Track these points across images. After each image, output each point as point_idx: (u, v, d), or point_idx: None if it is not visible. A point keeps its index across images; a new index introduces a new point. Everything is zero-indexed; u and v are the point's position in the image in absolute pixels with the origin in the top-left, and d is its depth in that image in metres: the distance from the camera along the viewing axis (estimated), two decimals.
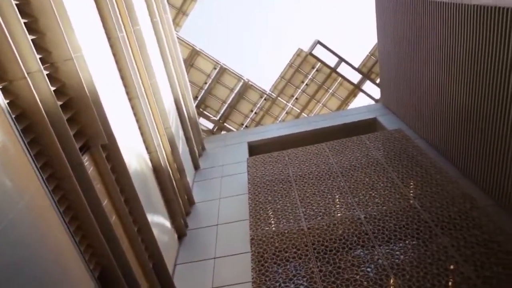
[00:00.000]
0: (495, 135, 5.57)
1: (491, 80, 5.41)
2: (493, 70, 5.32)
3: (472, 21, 5.60)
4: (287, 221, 6.01)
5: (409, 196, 6.01)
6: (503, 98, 5.20)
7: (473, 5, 5.52)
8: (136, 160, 5.07)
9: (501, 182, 5.64)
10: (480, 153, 6.06)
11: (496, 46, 5.14)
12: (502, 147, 5.44)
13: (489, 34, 5.26)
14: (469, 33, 5.75)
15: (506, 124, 5.23)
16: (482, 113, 5.80)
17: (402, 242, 5.18)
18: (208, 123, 13.34)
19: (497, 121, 5.43)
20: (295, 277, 4.92)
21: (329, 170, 7.25)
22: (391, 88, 10.03)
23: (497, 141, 5.55)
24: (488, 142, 5.80)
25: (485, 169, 6.00)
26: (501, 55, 5.07)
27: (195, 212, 7.14)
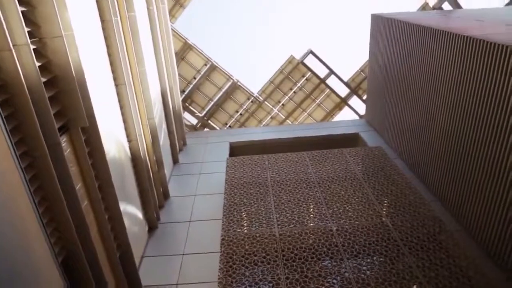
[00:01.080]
0: (469, 164, 5.73)
1: (471, 110, 5.57)
2: (474, 101, 5.48)
3: (459, 51, 5.76)
4: (260, 225, 6.01)
5: (382, 214, 6.11)
6: (480, 129, 5.36)
7: (461, 35, 5.68)
8: (115, 147, 4.99)
9: (470, 209, 5.81)
10: (454, 180, 6.22)
11: (479, 78, 5.30)
12: (475, 176, 5.60)
13: (473, 66, 5.42)
14: (454, 62, 5.91)
15: (481, 155, 5.39)
16: (459, 142, 5.96)
17: (370, 257, 5.25)
18: (192, 119, 13.25)
19: (473, 151, 5.59)
20: (262, 281, 4.92)
21: (307, 179, 7.30)
22: (376, 107, 10.20)
23: (471, 170, 5.71)
24: (462, 170, 5.96)
25: (457, 196, 6.16)
26: (483, 87, 5.23)
27: (169, 206, 7.07)
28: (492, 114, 5.09)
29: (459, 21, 7.52)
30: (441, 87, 6.46)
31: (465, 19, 7.86)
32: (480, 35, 5.48)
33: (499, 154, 5.01)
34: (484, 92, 5.25)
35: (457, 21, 7.66)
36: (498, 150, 5.03)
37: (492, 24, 6.76)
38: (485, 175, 5.36)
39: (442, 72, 6.38)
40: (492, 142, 5.14)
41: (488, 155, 5.25)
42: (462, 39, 5.68)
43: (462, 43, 5.70)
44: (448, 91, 6.23)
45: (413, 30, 7.35)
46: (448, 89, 6.21)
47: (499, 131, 4.98)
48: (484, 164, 5.36)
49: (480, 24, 6.84)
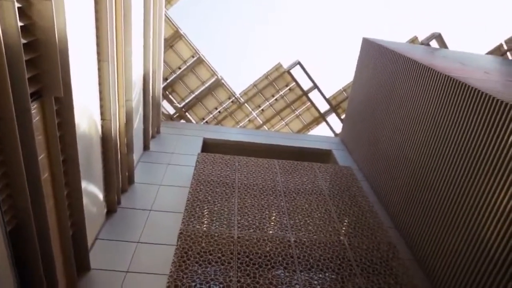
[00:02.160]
0: (428, 199, 5.94)
1: (438, 148, 5.78)
2: (442, 139, 5.68)
3: (438, 88, 5.97)
4: (220, 225, 5.99)
5: (341, 232, 6.22)
6: (444, 167, 5.57)
7: (442, 73, 5.90)
8: (87, 122, 4.85)
9: (423, 241, 6.01)
10: (412, 211, 6.43)
11: (452, 118, 5.51)
12: (432, 211, 5.81)
13: (448, 105, 5.63)
14: (431, 98, 6.12)
15: (441, 193, 5.59)
16: (423, 177, 6.16)
17: (322, 273, 5.33)
18: (170, 108, 13.07)
19: (434, 188, 5.80)
20: (213, 281, 4.90)
21: (274, 187, 7.35)
22: (352, 128, 10.41)
23: (429, 205, 5.91)
24: (421, 204, 6.16)
25: (413, 227, 6.36)
26: (454, 127, 5.44)
27: (132, 192, 6.93)
28: (457, 154, 5.30)
29: (443, 60, 7.80)
30: (415, 120, 6.67)
31: (449, 59, 8.17)
32: (460, 77, 5.71)
33: (458, 195, 5.22)
34: (453, 132, 5.46)
35: (441, 60, 7.94)
36: (458, 192, 5.24)
37: (472, 69, 7.05)
38: (442, 212, 5.56)
39: (418, 106, 6.59)
40: (453, 183, 5.34)
41: (448, 194, 5.45)
42: (443, 77, 5.89)
43: (442, 81, 5.91)
44: (420, 125, 6.44)
45: (399, 60, 7.56)
46: (421, 123, 6.42)
47: (460, 172, 5.18)
48: (442, 202, 5.56)
49: (462, 67, 7.13)
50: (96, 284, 4.83)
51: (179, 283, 4.80)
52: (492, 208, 4.57)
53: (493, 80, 6.25)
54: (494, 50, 13.82)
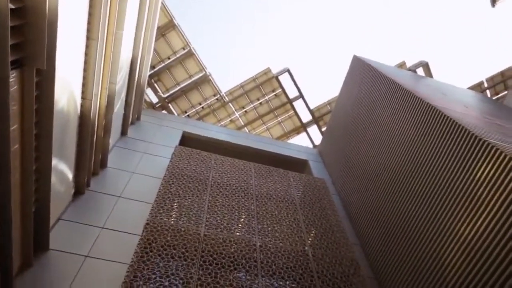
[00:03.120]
0: (397, 222, 6.07)
1: (413, 174, 5.92)
2: (415, 163, 5.83)
3: (417, 114, 6.13)
4: (188, 221, 5.94)
5: (306, 243, 6.27)
6: (413, 192, 5.71)
7: (424, 101, 6.06)
8: (66, 99, 4.73)
9: (384, 261, 6.13)
10: (378, 231, 6.55)
11: (426, 145, 5.66)
12: (396, 234, 5.93)
13: (425, 133, 5.78)
14: (408, 123, 6.28)
15: (409, 216, 5.73)
16: (393, 199, 6.30)
17: (283, 281, 5.36)
18: (154, 97, 12.91)
19: (403, 210, 5.93)
20: (173, 276, 4.85)
21: (247, 189, 7.35)
22: (330, 142, 10.54)
23: (397, 228, 6.04)
24: (389, 225, 6.29)
25: (377, 246, 6.48)
26: (428, 155, 5.59)
27: (103, 176, 6.79)
28: (428, 182, 5.44)
29: (426, 89, 8.01)
30: (392, 143, 6.81)
31: (432, 88, 8.40)
32: (441, 107, 5.88)
33: (423, 222, 5.35)
34: (427, 159, 5.60)
35: (425, 87, 8.16)
36: (424, 218, 5.37)
37: (453, 101, 7.28)
38: (406, 236, 5.69)
39: (397, 129, 6.75)
40: (421, 210, 5.48)
41: (414, 220, 5.59)
42: (424, 105, 6.05)
43: (423, 109, 6.07)
44: (397, 148, 6.58)
45: (385, 82, 7.72)
46: (398, 146, 6.56)
47: (428, 199, 5.33)
48: (408, 226, 5.70)
49: (444, 97, 7.34)
50: (52, 265, 4.70)
51: (138, 274, 4.72)
52: (454, 237, 4.71)
53: (472, 115, 6.46)
54: (475, 86, 14.31)
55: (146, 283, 4.63)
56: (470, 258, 4.39)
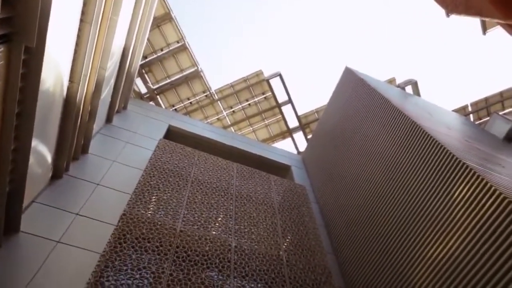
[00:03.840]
0: (373, 235, 6.15)
1: (392, 190, 6.01)
2: (397, 183, 5.92)
3: (403, 132, 6.23)
4: (165, 215, 5.89)
5: (281, 248, 6.29)
6: (391, 209, 5.80)
7: (409, 119, 6.16)
8: (53, 80, 4.64)
9: (357, 273, 6.20)
10: (354, 243, 6.62)
11: (411, 165, 5.75)
12: (374, 248, 6.01)
13: (410, 151, 5.88)
14: (392, 140, 6.37)
15: (385, 231, 5.81)
16: (371, 214, 6.38)
17: (255, 283, 5.36)
18: (143, 87, 12.76)
19: (379, 225, 6.01)
20: (145, 269, 4.80)
21: (227, 189, 7.33)
22: (314, 150, 10.62)
23: (372, 241, 6.12)
24: (364, 238, 6.37)
25: (352, 258, 6.55)
26: (408, 172, 5.68)
27: (83, 162, 6.68)
28: (405, 198, 5.54)
29: (413, 107, 8.15)
30: (375, 157, 6.90)
31: (419, 107, 8.55)
32: (425, 126, 5.99)
33: (398, 238, 5.44)
34: (407, 177, 5.70)
35: (412, 106, 8.30)
36: (398, 235, 5.46)
37: (437, 121, 7.42)
38: (380, 251, 5.77)
39: (381, 144, 6.84)
40: (396, 226, 5.56)
41: (389, 236, 5.67)
42: (410, 123, 6.15)
43: (408, 127, 6.17)
44: (379, 163, 6.67)
45: (374, 97, 7.82)
46: (380, 161, 6.66)
47: (404, 216, 5.42)
48: (382, 241, 5.78)
49: (429, 117, 7.48)
50: (22, 248, 4.58)
51: (110, 264, 4.66)
52: (426, 255, 4.80)
53: (454, 137, 6.60)
54: (460, 109, 14.64)
55: (116, 274, 4.57)
56: (439, 277, 4.48)
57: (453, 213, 4.59)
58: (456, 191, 4.66)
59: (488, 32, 11.48)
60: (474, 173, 4.53)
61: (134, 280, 4.60)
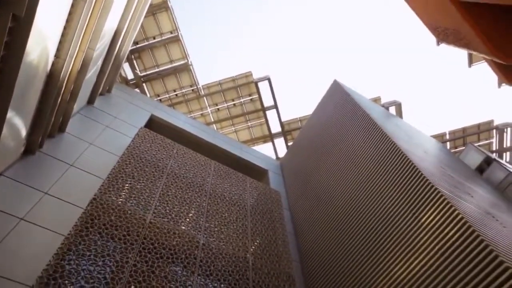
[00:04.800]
0: (341, 249, 6.23)
1: (365, 206, 6.11)
2: (371, 199, 6.03)
3: (382, 151, 6.35)
4: (137, 204, 5.81)
5: (249, 250, 6.30)
6: (365, 223, 5.89)
7: (390, 139, 6.29)
8: (38, 53, 4.52)
9: (320, 283, 6.26)
10: (322, 254, 6.69)
11: (386, 183, 5.87)
12: (340, 262, 6.09)
13: (387, 170, 6.00)
14: (374, 157, 6.49)
15: (353, 247, 5.90)
16: (343, 226, 6.46)
17: (218, 283, 5.35)
18: (130, 73, 12.58)
19: (349, 240, 6.10)
20: (109, 256, 4.71)
21: (202, 185, 7.30)
22: (293, 158, 10.69)
23: (340, 255, 6.20)
24: (332, 250, 6.44)
25: (317, 269, 6.61)
26: (384, 191, 5.79)
27: (59, 140, 6.51)
28: (377, 216, 5.64)
29: (394, 128, 8.32)
30: (351, 171, 7.01)
31: (400, 129, 8.73)
32: (404, 148, 6.12)
33: (365, 255, 5.53)
34: (380, 193, 5.81)
35: (393, 127, 8.46)
36: (366, 251, 5.55)
37: (415, 145, 7.59)
38: (346, 265, 5.85)
39: (359, 159, 6.95)
40: (365, 242, 5.66)
41: (358, 251, 5.76)
42: (390, 143, 6.28)
43: (387, 146, 6.30)
44: (355, 177, 6.78)
45: (358, 113, 7.95)
46: (356, 176, 6.76)
47: (373, 233, 5.51)
48: (350, 256, 5.86)
49: (408, 140, 7.65)
50: None
51: (73, 248, 4.56)
52: (389, 273, 4.89)
53: (429, 162, 6.77)
54: (438, 135, 15.04)
55: (79, 258, 4.48)
56: None
57: (420, 235, 4.70)
58: (425, 214, 4.78)
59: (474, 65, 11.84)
60: (444, 199, 4.66)
61: (96, 267, 4.51)
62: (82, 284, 4.30)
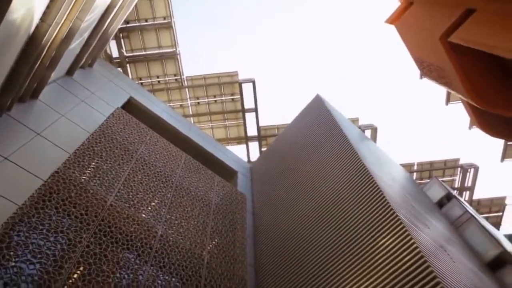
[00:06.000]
0: (297, 261, 6.29)
1: (326, 223, 6.21)
2: (331, 219, 6.13)
3: (351, 171, 6.48)
4: (100, 185, 5.68)
5: (206, 248, 6.27)
6: (323, 240, 5.98)
7: (360, 161, 6.42)
8: (22, 14, 4.35)
9: None
10: (278, 262, 6.74)
11: (350, 205, 5.99)
12: (295, 273, 6.15)
13: (353, 192, 6.12)
14: (341, 178, 6.61)
15: (309, 261, 5.98)
16: (301, 239, 6.54)
17: (169, 276, 5.29)
18: (115, 51, 12.30)
19: (305, 253, 6.17)
20: (62, 233, 4.57)
21: (170, 176, 7.21)
22: (264, 163, 10.74)
23: (295, 266, 6.26)
24: (288, 260, 6.50)
25: (271, 276, 6.65)
26: (346, 212, 5.91)
27: (29, 107, 6.28)
28: (334, 232, 5.74)
29: (366, 152, 8.51)
30: (318, 185, 7.11)
31: (371, 153, 8.94)
32: (373, 172, 6.27)
33: (320, 270, 5.61)
34: (342, 212, 5.92)
35: (365, 150, 8.66)
36: (321, 268, 5.63)
37: (384, 171, 7.79)
38: (300, 276, 5.91)
39: (327, 175, 7.06)
40: (321, 259, 5.75)
41: (312, 266, 5.84)
42: (359, 164, 6.41)
43: (357, 167, 6.43)
44: (320, 192, 6.88)
45: (334, 131, 8.08)
46: (322, 190, 6.86)
47: (330, 248, 5.61)
48: (305, 268, 5.93)
49: (378, 165, 7.84)
50: None
51: (25, 219, 4.40)
52: None
53: (395, 189, 6.96)
54: (406, 165, 15.49)
55: (30, 231, 4.32)
56: None
57: (375, 257, 4.82)
58: (383, 238, 4.90)
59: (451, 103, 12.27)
60: (402, 226, 4.80)
61: (47, 242, 4.37)
62: (29, 257, 4.14)
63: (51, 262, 4.22)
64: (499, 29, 2.10)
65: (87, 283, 4.32)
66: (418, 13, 3.57)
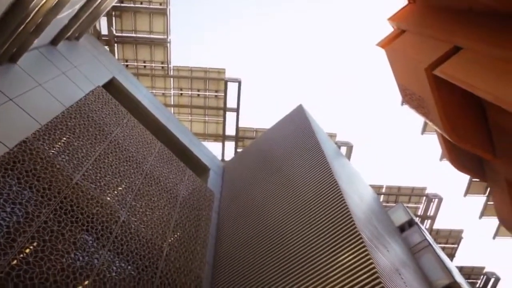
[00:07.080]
0: (255, 266, 6.31)
1: (290, 234, 6.26)
2: (297, 231, 6.20)
3: (323, 187, 6.57)
4: (68, 162, 5.53)
5: (167, 240, 6.20)
6: (285, 250, 6.03)
7: (333, 176, 6.52)
8: None
9: None
10: (235, 265, 6.74)
11: (315, 219, 6.06)
12: (251, 279, 6.16)
13: (321, 205, 6.20)
14: (312, 191, 6.69)
15: (267, 266, 6.01)
16: (263, 247, 6.57)
17: (125, 264, 5.20)
18: (104, 28, 12.03)
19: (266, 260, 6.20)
20: (20, 205, 4.42)
21: (141, 163, 7.11)
22: (238, 165, 10.74)
23: (252, 271, 6.27)
24: (245, 265, 6.51)
25: (228, 277, 6.64)
26: (311, 228, 5.98)
27: (6, 70, 6.04)
28: (298, 244, 5.80)
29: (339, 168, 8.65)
30: (287, 195, 7.17)
31: (344, 170, 9.09)
32: (343, 189, 6.37)
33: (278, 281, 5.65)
34: (308, 225, 5.99)
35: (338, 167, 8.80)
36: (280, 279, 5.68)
37: (353, 189, 7.93)
38: (256, 284, 5.93)
39: (297, 185, 7.13)
40: (282, 269, 5.79)
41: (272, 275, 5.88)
42: (331, 179, 6.51)
43: (327, 182, 6.52)
44: (288, 202, 6.94)
45: (312, 143, 8.18)
46: (290, 200, 6.92)
47: (291, 261, 5.66)
48: (261, 276, 5.96)
49: (349, 183, 7.98)
50: None
51: None
52: None
53: (361, 208, 7.10)
54: (376, 187, 15.83)
55: None
56: None
57: (333, 272, 4.90)
58: (342, 254, 4.99)
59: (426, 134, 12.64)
60: (363, 245, 4.90)
61: (2, 212, 4.21)
62: None
63: (3, 234, 4.07)
64: (483, 70, 2.18)
65: (38, 260, 4.19)
66: (409, 42, 3.68)
